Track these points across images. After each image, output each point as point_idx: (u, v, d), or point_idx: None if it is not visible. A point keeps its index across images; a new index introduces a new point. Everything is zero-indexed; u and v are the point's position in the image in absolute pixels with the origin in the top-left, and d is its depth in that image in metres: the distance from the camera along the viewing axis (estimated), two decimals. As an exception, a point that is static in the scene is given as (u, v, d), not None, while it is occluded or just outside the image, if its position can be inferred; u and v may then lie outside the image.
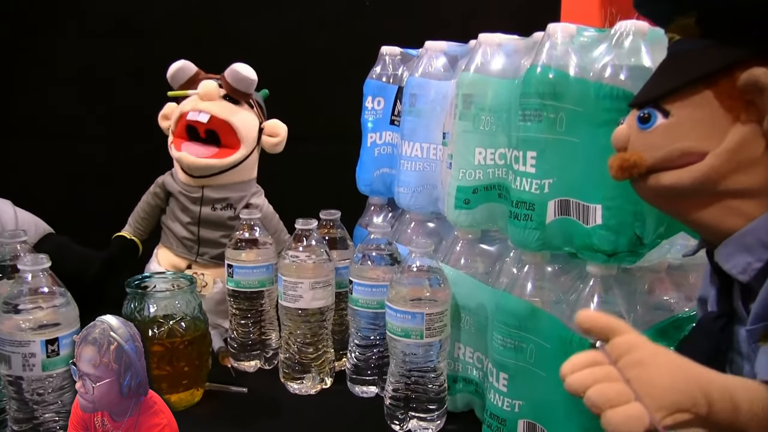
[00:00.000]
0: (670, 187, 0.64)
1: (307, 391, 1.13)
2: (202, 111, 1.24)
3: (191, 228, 1.28)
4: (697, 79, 0.63)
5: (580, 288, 0.85)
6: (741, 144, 0.61)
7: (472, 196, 0.97)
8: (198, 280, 1.22)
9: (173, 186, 1.28)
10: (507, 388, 0.90)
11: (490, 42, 0.96)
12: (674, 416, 0.55)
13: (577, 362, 0.57)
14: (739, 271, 0.62)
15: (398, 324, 0.96)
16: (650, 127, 0.64)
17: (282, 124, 1.33)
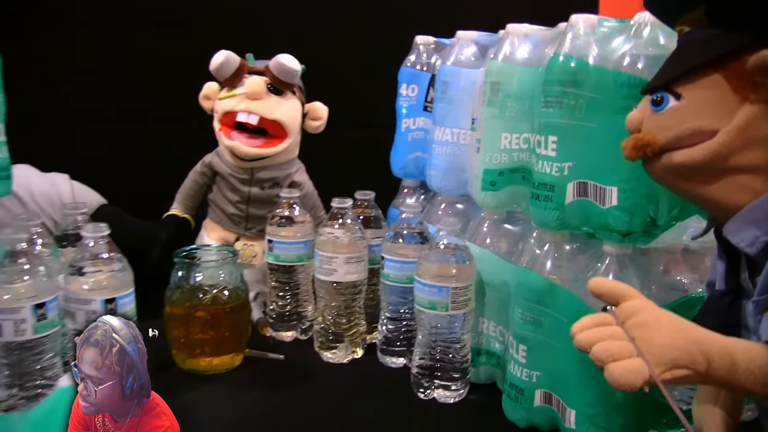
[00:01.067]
0: (682, 164, 0.69)
1: (340, 360, 1.20)
2: (252, 113, 1.30)
3: (240, 206, 1.35)
4: (707, 63, 0.68)
5: (597, 266, 0.90)
6: (749, 122, 0.66)
7: (497, 179, 1.03)
8: (248, 251, 1.31)
9: (221, 167, 1.35)
10: (526, 360, 0.96)
11: (517, 32, 1.02)
12: (672, 371, 0.61)
13: (586, 323, 0.64)
14: (747, 245, 0.67)
15: (425, 297, 1.02)
16: (663, 109, 0.69)
17: (323, 106, 1.40)
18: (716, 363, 0.62)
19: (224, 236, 1.37)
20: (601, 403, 0.88)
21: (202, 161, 1.39)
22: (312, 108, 1.39)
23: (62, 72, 1.74)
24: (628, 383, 0.60)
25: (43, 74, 1.69)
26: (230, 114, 1.32)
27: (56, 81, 1.73)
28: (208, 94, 1.38)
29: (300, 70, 1.34)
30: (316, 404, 1.06)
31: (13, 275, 0.90)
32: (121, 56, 1.77)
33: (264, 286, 1.33)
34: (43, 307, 0.91)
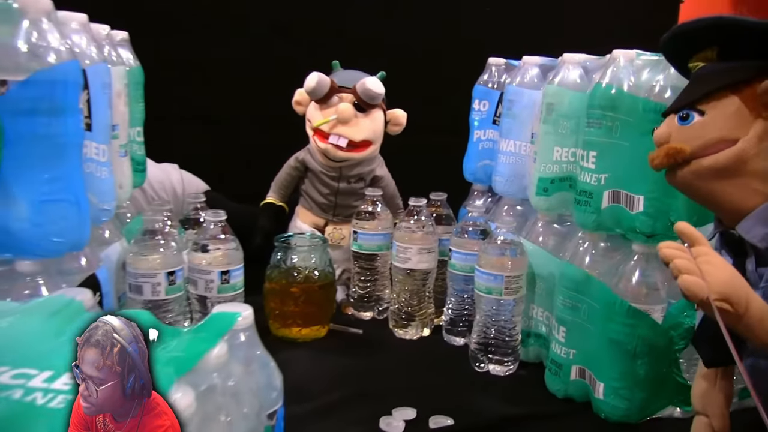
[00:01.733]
0: (710, 168, 0.84)
1: (410, 337, 1.39)
2: (341, 136, 1.48)
3: (329, 197, 1.56)
4: (725, 86, 0.84)
5: (627, 262, 1.07)
6: (764, 133, 0.82)
7: (549, 186, 1.20)
8: (337, 234, 1.53)
9: (313, 165, 1.56)
10: (565, 339, 1.13)
11: (571, 60, 1.19)
12: (722, 302, 0.74)
13: (671, 244, 0.79)
14: (759, 240, 0.83)
15: (484, 283, 1.20)
16: (689, 123, 0.86)
17: (402, 113, 1.59)
18: (751, 311, 0.75)
19: (315, 221, 1.58)
20: (626, 378, 1.05)
21: (295, 157, 1.58)
22: (393, 115, 1.58)
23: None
24: (693, 293, 0.74)
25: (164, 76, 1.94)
26: (323, 133, 1.50)
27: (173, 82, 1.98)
28: (299, 100, 1.56)
29: (382, 93, 1.50)
30: (387, 371, 1.25)
31: (152, 248, 1.13)
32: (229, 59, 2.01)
33: (350, 265, 1.53)
34: (173, 274, 1.14)
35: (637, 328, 1.03)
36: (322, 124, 1.49)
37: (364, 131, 1.52)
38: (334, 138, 1.49)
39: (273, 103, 1.67)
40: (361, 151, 1.52)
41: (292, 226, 1.60)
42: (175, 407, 0.54)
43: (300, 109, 1.57)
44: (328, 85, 1.48)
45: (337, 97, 1.50)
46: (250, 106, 1.99)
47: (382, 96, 1.52)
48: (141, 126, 1.31)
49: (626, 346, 1.03)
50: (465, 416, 1.06)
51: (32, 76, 0.79)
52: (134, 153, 1.27)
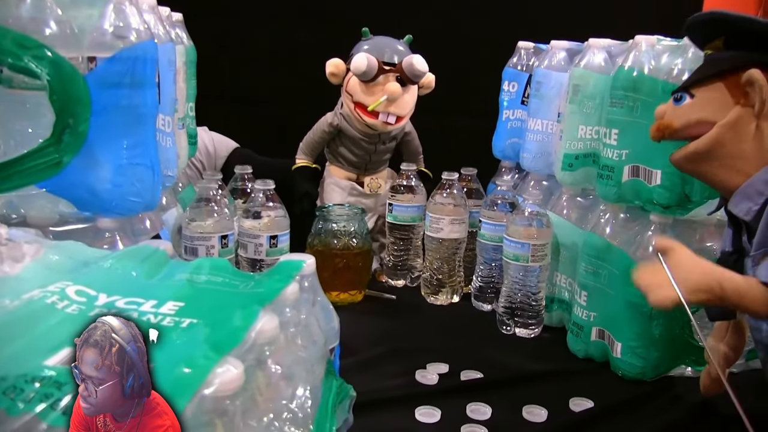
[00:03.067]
0: (694, 152, 0.94)
1: (441, 303, 1.49)
2: (391, 113, 1.55)
3: (364, 157, 1.64)
4: (714, 74, 0.94)
5: (645, 232, 1.16)
6: (737, 120, 0.91)
7: (574, 162, 1.29)
8: (374, 183, 1.64)
9: (351, 132, 1.61)
10: (586, 303, 1.22)
11: (597, 45, 1.27)
12: (695, 294, 0.86)
13: (644, 272, 0.92)
14: (744, 214, 0.92)
15: (511, 251, 1.30)
16: (681, 104, 0.96)
17: (432, 76, 1.63)
18: (728, 292, 0.85)
19: (348, 176, 1.65)
20: (642, 338, 1.14)
21: (329, 123, 1.62)
22: (425, 81, 1.62)
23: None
24: (664, 306, 0.87)
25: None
26: (372, 111, 1.56)
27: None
28: (335, 72, 1.58)
29: (426, 71, 1.56)
30: (420, 333, 1.35)
31: (206, 214, 1.24)
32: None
33: (384, 211, 1.61)
34: (226, 238, 1.24)
35: (653, 291, 1.12)
36: (378, 105, 1.55)
37: (408, 105, 1.59)
38: (384, 116, 1.55)
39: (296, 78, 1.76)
40: (404, 120, 1.60)
41: (327, 183, 1.66)
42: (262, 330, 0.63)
43: (335, 79, 1.61)
44: (377, 66, 1.53)
45: (383, 75, 1.55)
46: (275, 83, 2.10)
47: (426, 73, 1.58)
48: (193, 102, 1.41)
49: (643, 308, 1.12)
50: (493, 371, 1.16)
51: (117, 53, 0.90)
52: (188, 126, 1.37)
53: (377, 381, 1.11)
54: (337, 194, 1.65)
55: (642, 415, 1.06)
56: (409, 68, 1.54)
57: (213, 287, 0.69)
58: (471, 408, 1.03)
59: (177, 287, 0.68)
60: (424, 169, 1.73)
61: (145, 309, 0.64)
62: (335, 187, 1.66)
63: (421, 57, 1.56)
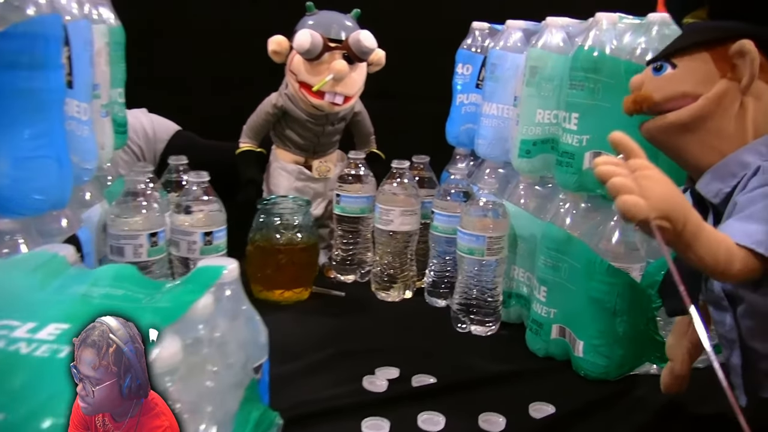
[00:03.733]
0: (673, 122, 0.86)
1: (392, 299, 1.40)
2: (338, 94, 1.46)
3: (312, 139, 1.54)
4: (700, 43, 0.86)
5: (607, 222, 1.08)
6: (725, 93, 0.83)
7: (532, 148, 1.21)
8: (323, 167, 1.55)
9: (297, 113, 1.51)
10: (546, 299, 1.14)
11: (555, 23, 1.19)
12: (661, 220, 0.69)
13: (606, 159, 0.73)
14: (713, 195, 0.85)
15: (466, 244, 1.21)
16: (661, 74, 0.87)
17: (382, 52, 1.54)
18: (689, 227, 0.71)
19: (296, 159, 1.56)
20: (605, 336, 1.07)
21: (273, 104, 1.53)
22: (375, 57, 1.53)
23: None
24: (633, 215, 0.68)
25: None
26: (317, 92, 1.46)
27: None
28: (277, 50, 1.49)
29: (375, 48, 1.47)
30: (370, 332, 1.26)
31: (134, 210, 1.13)
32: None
33: None
34: (155, 236, 1.14)
35: (616, 286, 1.05)
36: (323, 86, 1.46)
37: (357, 84, 1.50)
38: (330, 96, 1.47)
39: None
40: (352, 99, 1.52)
41: (274, 167, 1.56)
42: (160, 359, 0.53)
43: (278, 58, 1.52)
44: (321, 43, 1.44)
45: (328, 52, 1.46)
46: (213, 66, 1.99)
47: (375, 50, 1.49)
48: (122, 87, 1.30)
49: (606, 304, 1.05)
50: (447, 375, 1.08)
51: (10, 28, 0.78)
52: (116, 114, 1.26)
53: (321, 389, 1.03)
54: (283, 179, 1.55)
55: (607, 419, 1.00)
56: (357, 44, 1.45)
57: (110, 303, 0.59)
58: (423, 418, 0.95)
59: (66, 304, 0.58)
60: (376, 150, 1.64)
61: (18, 335, 0.53)
62: (282, 171, 1.56)
63: (369, 32, 1.47)
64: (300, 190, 1.55)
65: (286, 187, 1.54)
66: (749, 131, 0.84)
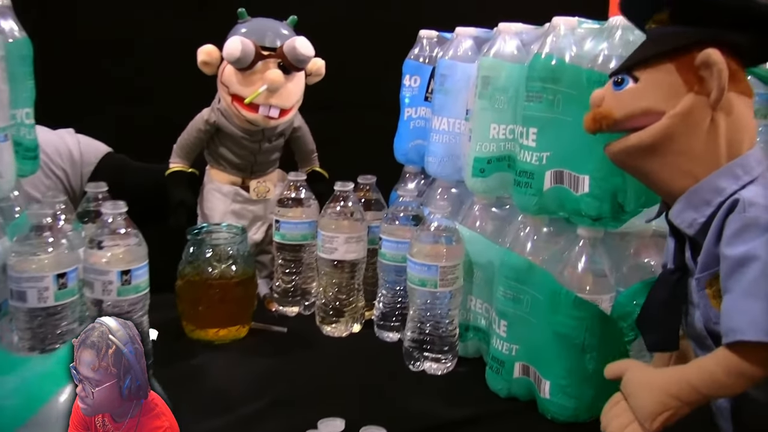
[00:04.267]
0: (636, 146, 0.77)
1: (339, 334, 1.28)
2: (273, 107, 1.35)
3: (248, 158, 1.42)
4: (663, 53, 0.76)
5: (572, 248, 0.98)
6: (692, 109, 0.74)
7: (486, 166, 1.10)
8: (261, 188, 1.42)
9: (230, 129, 1.39)
10: (506, 334, 1.03)
11: (508, 30, 1.09)
12: (657, 419, 0.73)
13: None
14: (687, 226, 0.76)
15: (416, 275, 1.10)
16: (622, 88, 0.78)
17: (322, 62, 1.44)
18: (683, 396, 0.72)
19: (232, 180, 1.44)
20: (573, 375, 0.96)
21: (205, 120, 1.41)
22: (314, 67, 1.43)
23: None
24: None
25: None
26: (251, 105, 1.35)
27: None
28: (207, 60, 1.38)
29: (312, 56, 1.36)
30: (314, 374, 1.14)
31: (38, 247, 0.99)
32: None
33: None
34: (64, 276, 0.99)
35: (584, 320, 0.94)
36: (255, 98, 1.35)
37: (294, 95, 1.39)
38: (264, 109, 1.35)
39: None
40: (290, 113, 1.40)
41: (208, 189, 1.45)
42: None
43: (208, 69, 1.40)
44: (253, 51, 1.32)
45: (261, 61, 1.35)
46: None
47: (312, 58, 1.38)
48: (30, 107, 1.15)
49: (573, 339, 0.95)
50: (400, 423, 0.96)
51: None
52: (21, 138, 1.11)
53: (255, 451, 0.90)
54: (219, 201, 1.43)
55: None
56: (292, 52, 1.34)
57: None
58: (372, 480, 0.83)
59: None
60: (319, 168, 1.53)
61: None
62: (216, 193, 1.44)
63: (305, 39, 1.36)
64: (237, 214, 1.43)
65: (222, 211, 1.42)
66: (722, 150, 0.75)
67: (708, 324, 0.76)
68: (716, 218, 0.72)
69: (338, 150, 1.58)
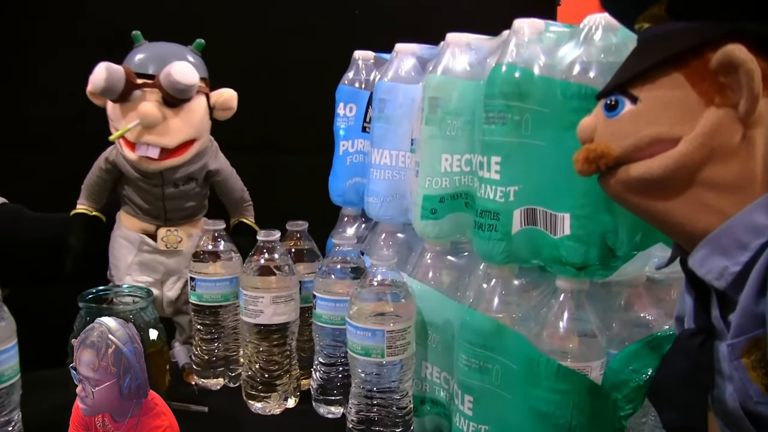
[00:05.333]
0: (641, 179, 0.58)
1: (271, 410, 1.07)
2: (150, 145, 1.15)
3: (156, 203, 1.22)
4: (666, 60, 0.57)
5: (550, 303, 0.79)
6: (716, 129, 0.55)
7: (438, 206, 0.91)
8: (172, 237, 1.22)
9: (127, 170, 1.20)
10: (473, 412, 0.84)
11: (458, 42, 0.91)
12: None
13: None
14: (715, 277, 0.56)
15: (358, 342, 0.90)
16: (617, 114, 0.59)
17: (232, 94, 1.25)
18: None
19: (143, 227, 1.24)
20: (558, 461, 0.76)
21: (105, 158, 1.23)
22: (220, 101, 1.24)
23: None
24: None
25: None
26: (128, 144, 1.17)
27: None
28: (93, 90, 1.18)
29: (195, 84, 1.16)
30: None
31: None
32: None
33: None
34: None
35: (570, 394, 0.75)
36: (124, 134, 1.15)
37: (178, 133, 1.18)
38: (142, 149, 1.15)
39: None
40: (180, 154, 1.19)
41: (115, 236, 1.25)
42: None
43: (97, 100, 1.20)
44: (123, 79, 1.13)
45: (140, 91, 1.15)
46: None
47: (195, 88, 1.17)
48: None
49: (558, 419, 0.76)
50: None
51: None
52: None
53: None
54: (125, 250, 1.24)
55: None
56: (167, 79, 1.14)
57: None
58: None
59: None
60: (248, 220, 1.32)
61: None
62: (123, 241, 1.25)
63: (186, 65, 1.16)
64: (146, 265, 1.23)
65: (128, 261, 1.23)
66: (758, 176, 0.56)
67: (746, 403, 0.57)
68: (757, 266, 0.54)
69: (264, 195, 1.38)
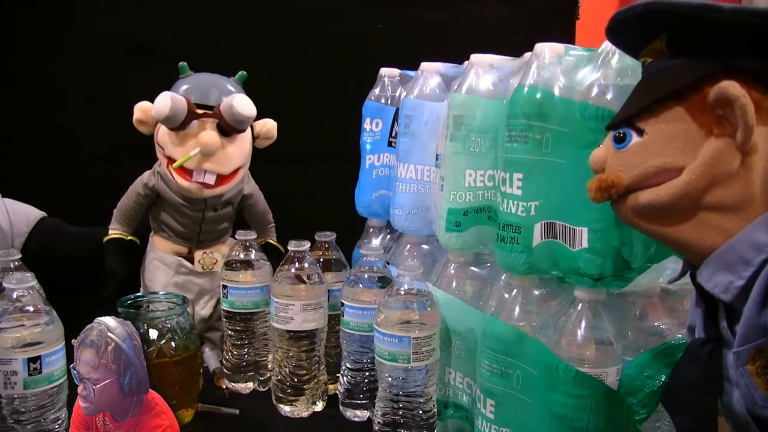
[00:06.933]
0: (649, 205, 0.63)
1: (299, 414, 1.11)
2: (208, 172, 1.21)
3: (192, 227, 1.28)
4: (668, 96, 0.63)
5: (569, 312, 0.83)
6: (716, 157, 0.60)
7: (462, 219, 0.96)
8: (208, 259, 1.28)
9: (170, 196, 1.25)
10: (494, 415, 0.88)
11: (481, 62, 0.95)
12: None
13: None
14: (721, 291, 0.62)
15: (385, 348, 0.94)
16: (626, 146, 0.64)
17: (273, 123, 1.32)
18: None
19: (177, 249, 1.29)
20: (577, 464, 0.80)
21: (144, 184, 1.27)
22: (263, 129, 1.30)
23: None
24: None
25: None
26: (184, 170, 1.22)
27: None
28: (142, 119, 1.24)
29: (253, 116, 1.23)
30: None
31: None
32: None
33: None
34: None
35: (587, 398, 0.79)
36: (185, 162, 1.20)
37: (233, 160, 1.24)
38: (199, 175, 1.21)
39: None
40: (231, 180, 1.25)
41: (150, 259, 1.30)
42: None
43: (145, 129, 1.25)
44: (185, 109, 1.18)
45: (197, 121, 1.21)
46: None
47: (253, 119, 1.23)
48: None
49: (575, 422, 0.80)
50: None
51: None
52: None
53: None
54: (161, 273, 1.28)
55: None
56: (229, 111, 1.19)
57: None
58: None
59: None
60: (273, 241, 1.37)
61: None
62: (159, 264, 1.28)
63: (245, 97, 1.22)
64: (181, 286, 1.27)
65: (164, 283, 1.27)
66: (757, 197, 0.61)
67: (752, 407, 0.61)
68: (759, 280, 0.58)
69: (293, 206, 1.42)
